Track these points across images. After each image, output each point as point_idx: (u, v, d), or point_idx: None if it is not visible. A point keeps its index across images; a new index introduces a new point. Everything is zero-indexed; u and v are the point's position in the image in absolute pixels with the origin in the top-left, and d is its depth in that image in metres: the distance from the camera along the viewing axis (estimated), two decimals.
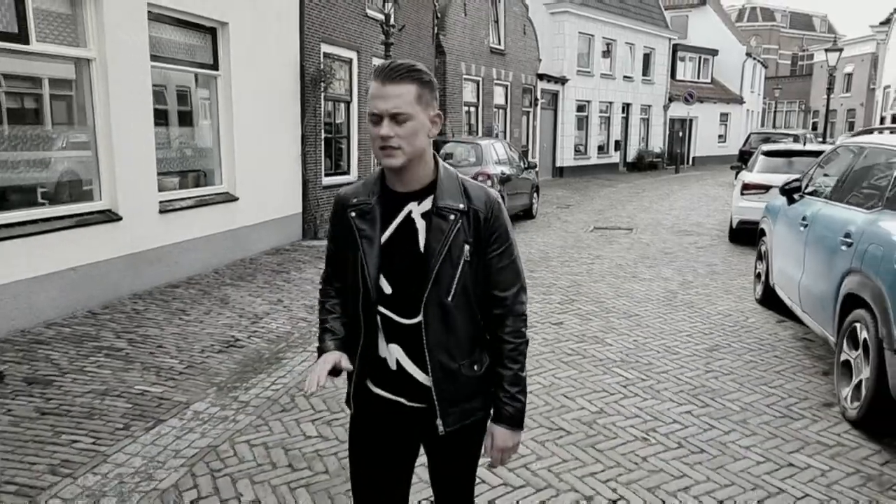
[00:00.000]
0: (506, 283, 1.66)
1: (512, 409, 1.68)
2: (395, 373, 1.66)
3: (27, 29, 5.10)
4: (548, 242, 9.92)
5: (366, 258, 1.61)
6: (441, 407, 1.63)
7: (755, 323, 5.84)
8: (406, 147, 1.53)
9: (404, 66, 1.54)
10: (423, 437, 1.74)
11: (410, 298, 1.60)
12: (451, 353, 1.63)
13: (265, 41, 8.29)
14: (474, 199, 1.63)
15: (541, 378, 4.40)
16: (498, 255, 1.64)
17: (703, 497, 3.00)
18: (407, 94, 1.51)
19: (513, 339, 1.67)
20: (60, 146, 5.88)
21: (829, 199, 4.96)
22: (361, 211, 1.64)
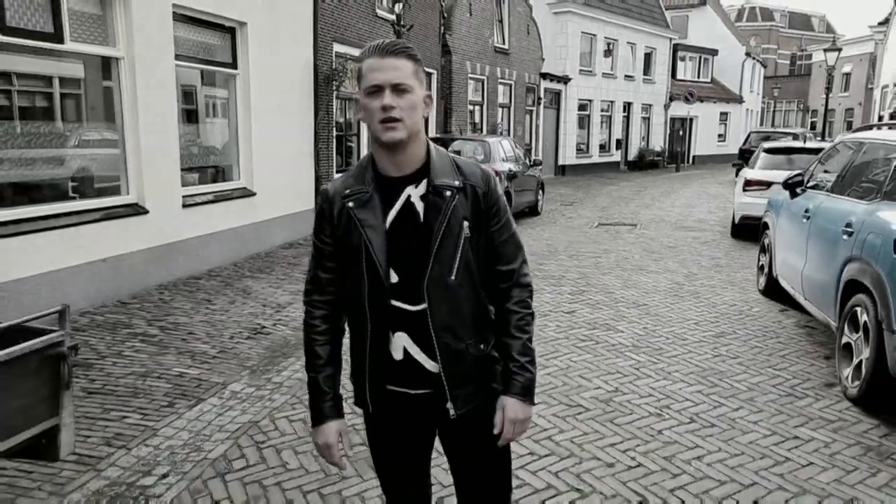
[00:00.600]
0: (509, 255, 1.66)
1: (523, 379, 1.64)
2: (400, 363, 1.62)
3: (62, 29, 5.31)
4: (554, 237, 10.14)
5: (373, 247, 1.56)
6: (451, 390, 1.61)
7: (759, 312, 6.07)
8: (407, 120, 1.51)
9: (399, 42, 1.54)
10: (435, 424, 1.72)
11: (415, 283, 1.57)
12: (456, 334, 1.60)
13: (281, 41, 8.50)
14: (469, 175, 1.62)
15: (557, 361, 4.63)
16: (499, 229, 1.64)
17: (716, 464, 3.23)
18: (405, 67, 1.51)
19: (520, 308, 1.65)
20: (90, 142, 6.10)
21: (830, 193, 5.19)
22: (360, 200, 1.58)
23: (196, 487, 2.97)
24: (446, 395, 1.61)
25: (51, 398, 2.51)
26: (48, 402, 2.50)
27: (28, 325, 2.52)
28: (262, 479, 3.02)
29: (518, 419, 1.64)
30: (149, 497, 2.89)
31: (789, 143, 12.15)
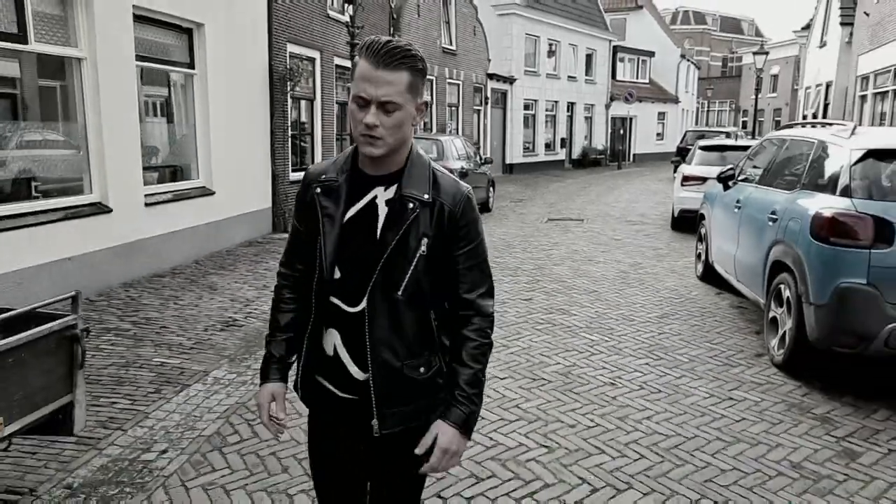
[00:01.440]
0: (472, 283, 1.56)
1: (466, 410, 1.54)
2: (331, 359, 1.58)
3: (26, 29, 5.35)
4: (507, 232, 10.58)
5: (325, 237, 1.54)
6: (378, 406, 1.54)
7: (697, 295, 6.62)
8: (388, 138, 1.45)
9: (400, 50, 1.41)
10: (360, 435, 1.61)
11: (356, 285, 1.52)
12: (394, 351, 1.53)
13: (237, 41, 8.61)
14: (443, 191, 1.53)
15: (519, 342, 5.01)
16: (464, 254, 1.54)
17: (663, 422, 3.66)
18: (399, 82, 1.40)
19: (478, 337, 1.55)
20: (53, 143, 6.11)
21: (758, 184, 5.75)
22: (328, 188, 1.56)
23: (196, 460, 3.19)
24: (371, 410, 1.54)
25: (66, 377, 2.68)
26: (64, 380, 2.68)
27: (40, 311, 2.69)
28: (258, 451, 3.26)
29: (450, 450, 1.53)
30: (152, 469, 3.09)
31: (722, 141, 12.99)
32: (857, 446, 3.44)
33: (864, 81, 14.47)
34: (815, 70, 20.07)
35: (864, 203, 4.05)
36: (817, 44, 19.71)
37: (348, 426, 1.61)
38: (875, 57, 13.61)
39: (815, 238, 4.18)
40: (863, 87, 14.50)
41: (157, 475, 3.06)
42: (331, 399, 1.60)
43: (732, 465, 3.23)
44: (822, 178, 4.58)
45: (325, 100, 11.56)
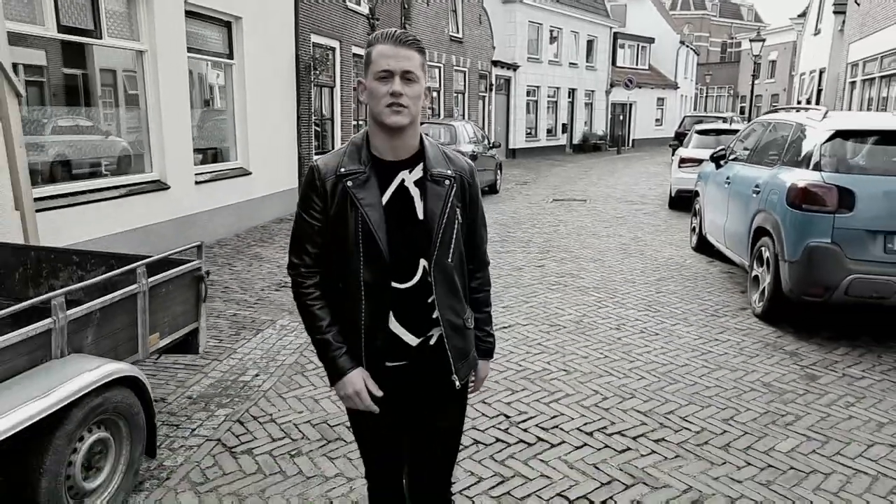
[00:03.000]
0: (480, 237, 1.86)
1: (489, 345, 1.92)
2: (383, 335, 1.70)
3: (101, 26, 6.06)
4: (516, 211, 11.33)
5: (373, 226, 1.62)
6: (455, 363, 1.74)
7: (691, 263, 7.40)
8: (412, 108, 1.59)
9: (411, 35, 1.63)
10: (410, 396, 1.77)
11: (406, 263, 1.66)
12: (455, 311, 1.74)
13: (268, 33, 9.30)
14: (458, 166, 1.75)
15: (536, 299, 5.79)
16: (478, 216, 1.82)
17: (659, 355, 4.45)
18: (415, 59, 1.60)
19: (488, 285, 1.91)
20: (123, 126, 6.85)
21: (745, 162, 6.50)
22: (358, 180, 1.64)
23: (284, 380, 3.98)
24: (445, 367, 1.73)
25: (194, 307, 3.44)
26: (193, 310, 3.43)
27: (172, 258, 3.44)
28: None
29: (483, 377, 1.93)
30: (251, 386, 3.88)
31: (718, 125, 13.71)
32: (818, 372, 4.23)
33: (853, 68, 15.17)
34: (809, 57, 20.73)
35: (831, 175, 4.81)
36: (812, 31, 20.35)
37: (392, 391, 1.73)
38: (864, 45, 14.29)
39: (790, 206, 4.94)
40: (853, 74, 15.20)
41: (257, 390, 3.84)
42: (380, 371, 1.72)
43: (715, 383, 4.02)
44: (799, 156, 5.32)
45: (343, 87, 12.26)
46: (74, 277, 3.70)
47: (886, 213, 4.60)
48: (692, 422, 3.51)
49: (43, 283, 3.75)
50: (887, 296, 4.59)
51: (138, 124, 6.90)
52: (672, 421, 3.52)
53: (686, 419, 3.54)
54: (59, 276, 3.73)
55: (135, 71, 6.76)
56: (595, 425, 3.45)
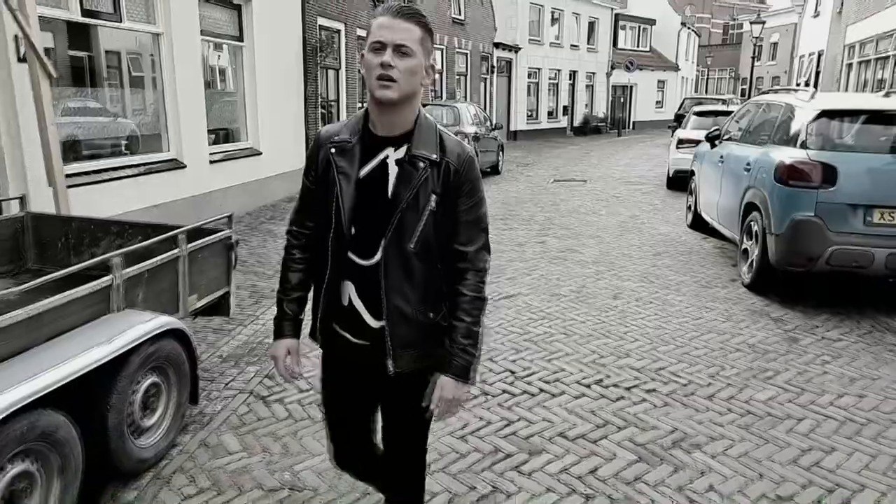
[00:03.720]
0: (468, 237, 1.68)
1: (462, 361, 1.68)
2: (346, 308, 1.72)
3: (121, 10, 6.32)
4: (519, 191, 11.62)
5: (342, 194, 1.64)
6: (393, 348, 1.68)
7: (686, 240, 7.72)
8: (402, 82, 1.54)
9: (412, 8, 1.57)
10: (374, 378, 1.76)
11: (370, 240, 1.64)
12: (406, 298, 1.67)
13: (277, 15, 9.53)
14: (448, 151, 1.65)
15: (538, 271, 6.12)
16: (465, 210, 1.67)
17: (653, 320, 4.78)
18: (414, 32, 1.55)
19: (470, 292, 1.68)
20: (141, 107, 7.13)
21: (738, 142, 6.79)
22: (342, 148, 1.66)
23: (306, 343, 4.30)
24: (387, 351, 1.69)
25: (225, 273, 3.76)
26: (224, 275, 3.75)
27: (204, 227, 3.75)
28: None
29: (453, 399, 1.69)
30: None
31: (716, 107, 13.96)
32: (799, 335, 4.57)
33: (850, 50, 15.37)
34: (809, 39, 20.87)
35: (816, 153, 5.11)
36: (812, 13, 20.48)
37: (360, 369, 1.77)
38: (861, 27, 14.49)
39: (777, 182, 5.24)
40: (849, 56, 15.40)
41: None
42: (345, 344, 1.75)
43: (703, 345, 4.35)
44: (787, 135, 5.61)
45: (349, 69, 12.48)
46: (114, 246, 4.01)
47: (866, 188, 4.91)
48: (681, 376, 3.85)
49: (84, 251, 4.06)
50: (866, 265, 4.91)
51: (155, 105, 7.17)
52: (662, 376, 3.86)
53: (675, 374, 3.88)
54: (99, 245, 4.05)
55: (152, 54, 7.02)
56: (592, 379, 3.79)
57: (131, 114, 7.06)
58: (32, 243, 4.07)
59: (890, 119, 5.17)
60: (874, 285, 5.66)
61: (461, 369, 1.69)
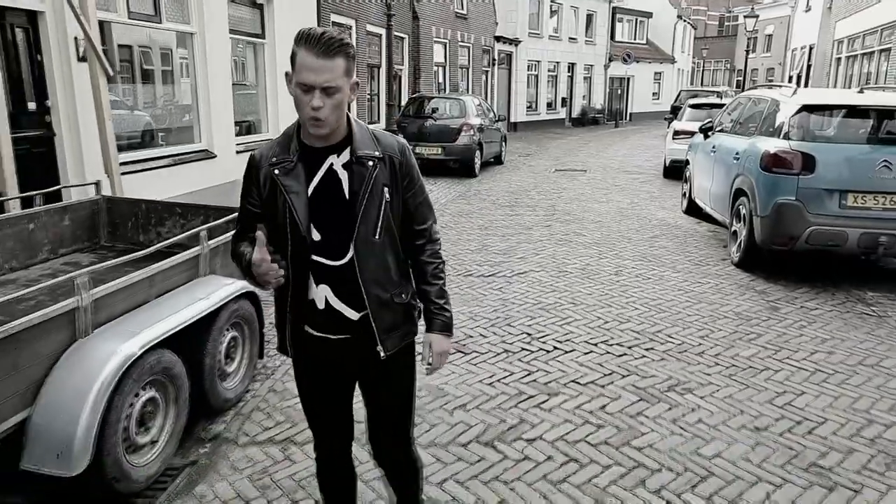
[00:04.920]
0: (423, 216, 1.87)
1: (444, 318, 1.90)
2: (323, 311, 1.79)
3: (160, 11, 6.84)
4: (522, 180, 12.18)
5: (296, 211, 1.71)
6: (380, 335, 1.81)
7: (682, 224, 8.30)
8: (332, 118, 1.65)
9: (335, 39, 1.60)
10: (356, 366, 1.90)
11: (338, 241, 1.74)
12: (383, 286, 1.80)
13: (295, 13, 10.01)
14: (386, 146, 1.78)
15: (545, 252, 6.69)
16: (413, 194, 1.83)
17: (650, 292, 5.37)
18: (337, 68, 1.61)
19: (434, 259, 1.89)
20: (176, 101, 7.65)
21: (729, 133, 7.36)
22: (285, 168, 1.73)
23: None
24: (375, 340, 1.81)
25: None
26: None
27: None
28: None
29: (443, 351, 1.91)
30: None
31: (710, 100, 14.53)
32: (780, 305, 5.16)
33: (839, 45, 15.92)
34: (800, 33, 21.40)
35: (797, 143, 5.68)
36: (804, 8, 21.00)
37: (341, 359, 1.87)
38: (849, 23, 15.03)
39: (763, 169, 5.81)
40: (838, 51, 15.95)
41: None
42: (322, 344, 1.84)
43: (695, 312, 4.94)
44: (772, 126, 6.18)
45: (358, 63, 12.98)
46: (178, 225, 4.56)
47: (842, 175, 5.49)
48: (675, 338, 4.43)
49: (151, 229, 4.61)
50: (840, 244, 5.49)
51: (188, 100, 7.70)
52: (659, 337, 4.44)
53: (670, 336, 4.46)
54: (164, 224, 4.60)
55: (185, 51, 7.54)
56: (599, 339, 4.38)
57: (167, 107, 7.59)
58: (106, 222, 4.61)
59: (863, 113, 5.75)
60: (848, 262, 6.25)
61: (443, 325, 1.91)
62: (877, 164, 5.43)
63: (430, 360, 1.91)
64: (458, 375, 3.82)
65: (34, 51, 5.37)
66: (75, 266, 4.00)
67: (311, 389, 1.96)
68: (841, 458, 3.03)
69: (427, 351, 1.91)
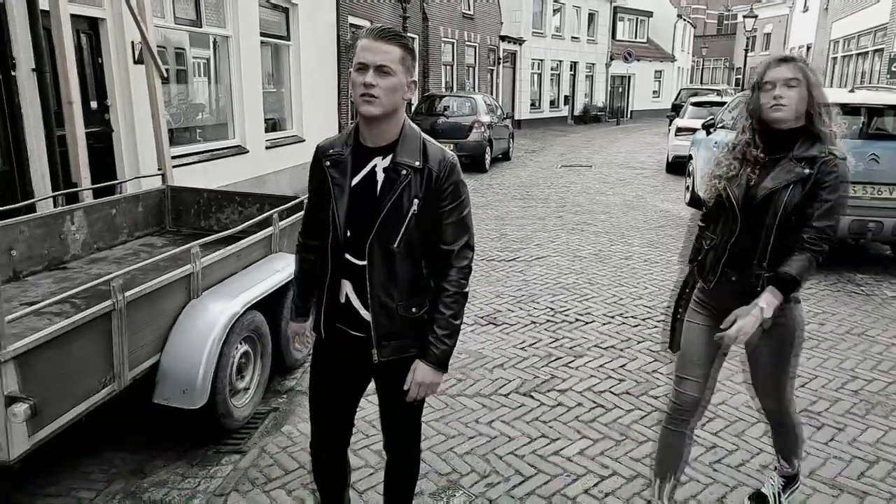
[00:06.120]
0: (451, 237, 1.81)
1: (437, 351, 1.82)
2: (344, 305, 1.86)
3: (201, 17, 7.34)
4: (531, 175, 12.70)
5: (336, 203, 1.78)
6: (377, 339, 1.83)
7: (685, 215, 8.82)
8: (384, 99, 1.67)
9: (394, 30, 1.70)
10: (367, 366, 1.91)
11: (362, 242, 1.78)
12: (390, 294, 1.81)
13: (317, 15, 10.53)
14: (431, 158, 1.78)
15: (559, 239, 7.22)
16: (448, 211, 1.79)
17: (658, 274, 5.89)
18: (393, 53, 1.67)
19: (451, 287, 1.82)
20: (213, 100, 8.16)
21: (730, 129, 7.87)
22: (335, 160, 1.80)
23: None
24: (372, 342, 1.84)
25: None
26: None
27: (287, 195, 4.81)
28: None
29: (424, 382, 1.85)
30: None
31: (710, 97, 15.07)
32: None
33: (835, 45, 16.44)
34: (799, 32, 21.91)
35: None
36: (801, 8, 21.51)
37: (352, 359, 1.92)
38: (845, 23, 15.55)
39: None
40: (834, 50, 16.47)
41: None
42: (343, 337, 1.90)
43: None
44: None
45: None
46: (236, 213, 5.07)
47: None
48: None
49: (212, 216, 5.12)
50: None
51: (223, 99, 8.21)
52: (669, 312, 4.95)
53: None
54: (224, 211, 5.10)
55: (221, 53, 8.04)
56: (615, 312, 4.90)
57: (205, 106, 8.10)
58: (171, 209, 5.12)
59: (854, 111, 6.26)
60: (840, 247, 6.78)
61: (436, 358, 1.84)
62: (865, 157, 5.93)
63: (409, 386, 1.85)
64: (493, 342, 4.34)
65: (96, 54, 5.87)
66: (150, 247, 4.52)
67: (325, 379, 2.00)
68: (828, 405, 3.55)
69: (410, 376, 1.86)
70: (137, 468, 2.86)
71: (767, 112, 2.08)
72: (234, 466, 2.90)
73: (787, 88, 2.05)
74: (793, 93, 2.05)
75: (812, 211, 2.06)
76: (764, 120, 2.12)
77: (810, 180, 2.05)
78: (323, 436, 2.06)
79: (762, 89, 2.10)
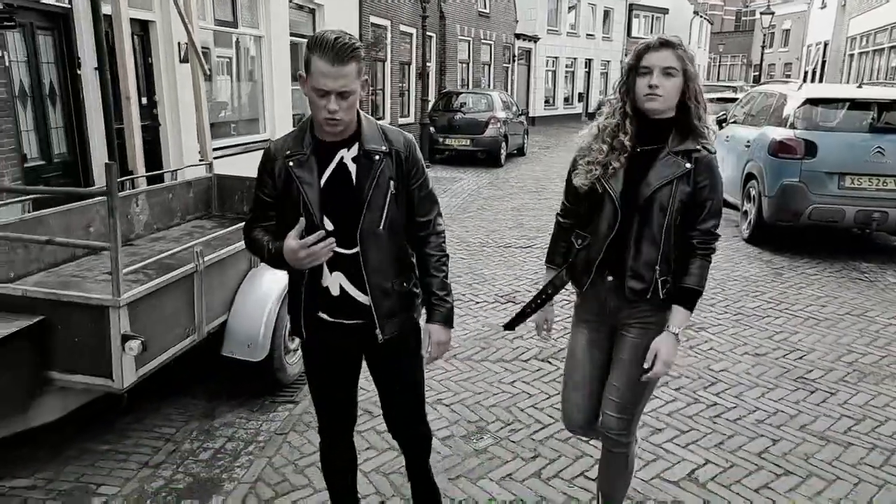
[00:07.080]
0: (426, 209, 1.94)
1: (444, 310, 1.95)
2: (338, 297, 1.89)
3: (237, 18, 7.78)
4: (546, 170, 13.04)
5: (309, 201, 1.80)
6: (379, 320, 1.90)
7: None
8: (346, 118, 1.76)
9: (347, 45, 1.68)
10: (364, 350, 1.99)
11: (349, 231, 1.82)
12: (385, 275, 1.89)
13: (341, 15, 10.94)
14: (394, 141, 1.87)
15: None
16: (418, 187, 1.91)
17: None
18: (351, 72, 1.70)
19: (436, 251, 1.96)
20: (247, 96, 8.61)
21: (741, 124, 8.17)
22: (299, 161, 1.82)
23: None
24: (375, 323, 1.90)
25: None
26: None
27: None
28: None
29: (442, 342, 1.97)
30: None
31: (724, 94, 15.34)
32: (784, 271, 6.00)
33: (852, 42, 16.58)
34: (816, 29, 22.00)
35: (801, 132, 6.49)
36: (819, 4, 21.60)
37: (352, 343, 1.96)
38: (862, 20, 15.69)
39: (770, 155, 6.64)
40: (851, 47, 16.61)
41: None
42: (336, 330, 1.93)
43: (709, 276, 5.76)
44: (780, 118, 6.99)
45: (392, 62, 13.88)
46: None
47: (840, 160, 6.30)
48: None
49: None
50: (839, 220, 6.31)
51: (255, 95, 8.65)
52: None
53: None
54: None
55: (254, 52, 8.48)
56: None
57: (239, 102, 8.55)
58: (216, 196, 5.54)
59: (861, 105, 6.55)
60: (846, 236, 7.07)
61: (443, 316, 1.96)
62: (871, 150, 6.23)
63: (429, 349, 1.97)
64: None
65: (146, 54, 6.32)
66: (201, 228, 4.95)
67: (322, 374, 2.04)
68: (823, 374, 3.89)
69: (426, 340, 1.97)
70: (208, 412, 3.28)
71: (641, 100, 1.95)
72: (290, 413, 3.31)
73: (664, 77, 1.91)
74: (669, 83, 1.91)
75: (697, 212, 1.98)
76: (636, 106, 1.97)
77: (691, 176, 1.96)
78: (330, 425, 2.11)
79: (638, 72, 1.95)
